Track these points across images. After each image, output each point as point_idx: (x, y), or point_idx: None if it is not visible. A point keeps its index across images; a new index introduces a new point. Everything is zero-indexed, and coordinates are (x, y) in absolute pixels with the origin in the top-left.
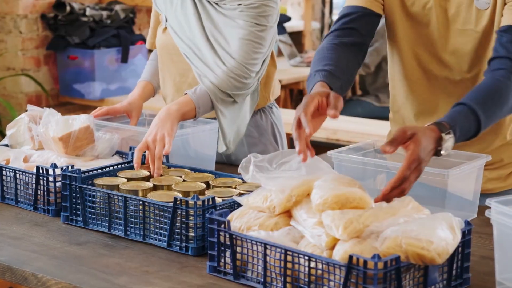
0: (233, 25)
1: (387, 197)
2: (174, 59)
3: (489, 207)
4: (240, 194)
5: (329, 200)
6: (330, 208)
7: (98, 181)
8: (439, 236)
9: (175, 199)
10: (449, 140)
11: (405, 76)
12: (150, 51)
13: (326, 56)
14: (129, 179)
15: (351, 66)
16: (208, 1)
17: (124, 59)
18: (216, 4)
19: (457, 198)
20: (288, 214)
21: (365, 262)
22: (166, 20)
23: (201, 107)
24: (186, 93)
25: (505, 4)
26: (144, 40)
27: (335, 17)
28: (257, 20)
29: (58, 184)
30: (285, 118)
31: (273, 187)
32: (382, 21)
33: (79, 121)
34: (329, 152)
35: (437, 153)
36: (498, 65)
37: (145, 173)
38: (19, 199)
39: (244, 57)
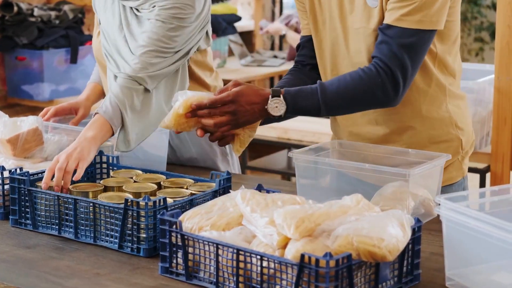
0: (145, 24)
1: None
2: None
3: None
4: (192, 194)
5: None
6: None
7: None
8: (389, 233)
9: (126, 200)
10: (277, 104)
11: (324, 77)
12: None
13: (283, 81)
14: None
15: (305, 82)
16: (131, 8)
17: (73, 59)
18: (136, 9)
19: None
20: (240, 213)
21: (317, 260)
22: (100, 23)
23: (115, 122)
24: (97, 113)
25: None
26: None
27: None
28: (169, 20)
29: (6, 186)
30: None
31: None
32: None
33: (27, 122)
34: (290, 153)
35: (266, 112)
36: (372, 62)
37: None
38: None
39: (146, 53)
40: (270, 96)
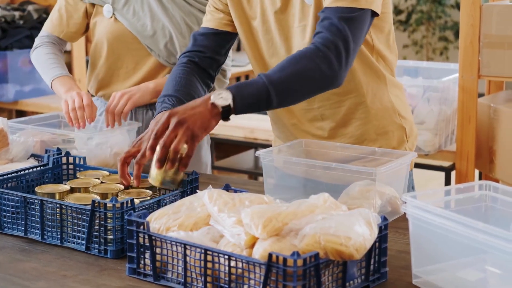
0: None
1: (136, 161)
2: (130, 47)
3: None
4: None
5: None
6: None
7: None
8: (356, 232)
9: (93, 201)
10: (222, 93)
11: None
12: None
13: (178, 81)
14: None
15: (199, 89)
16: None
17: None
18: None
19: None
20: (207, 213)
21: (285, 259)
22: (114, 9)
23: None
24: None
25: None
26: None
27: None
28: None
29: None
30: None
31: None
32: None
33: None
34: (257, 153)
35: (214, 107)
36: (312, 40)
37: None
38: None
39: None
40: (211, 94)
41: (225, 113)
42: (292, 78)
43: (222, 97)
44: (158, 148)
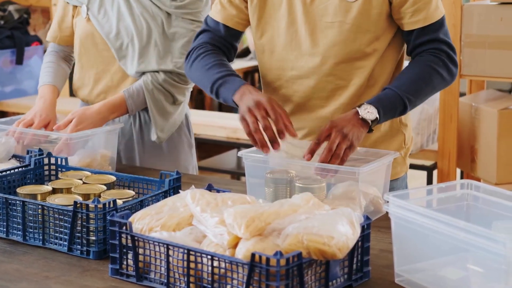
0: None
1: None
2: (99, 48)
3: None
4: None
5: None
6: None
7: None
8: (339, 231)
9: (75, 202)
10: (368, 108)
11: (279, 73)
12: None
13: (222, 63)
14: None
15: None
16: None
17: (19, 60)
18: None
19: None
20: (190, 213)
21: (268, 259)
22: (88, 9)
23: (134, 110)
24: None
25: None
26: (39, 41)
27: None
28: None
29: None
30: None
31: None
32: None
33: None
34: (239, 153)
35: (363, 121)
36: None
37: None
38: None
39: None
40: (357, 107)
41: (372, 124)
42: (421, 87)
43: (369, 111)
44: (323, 153)
